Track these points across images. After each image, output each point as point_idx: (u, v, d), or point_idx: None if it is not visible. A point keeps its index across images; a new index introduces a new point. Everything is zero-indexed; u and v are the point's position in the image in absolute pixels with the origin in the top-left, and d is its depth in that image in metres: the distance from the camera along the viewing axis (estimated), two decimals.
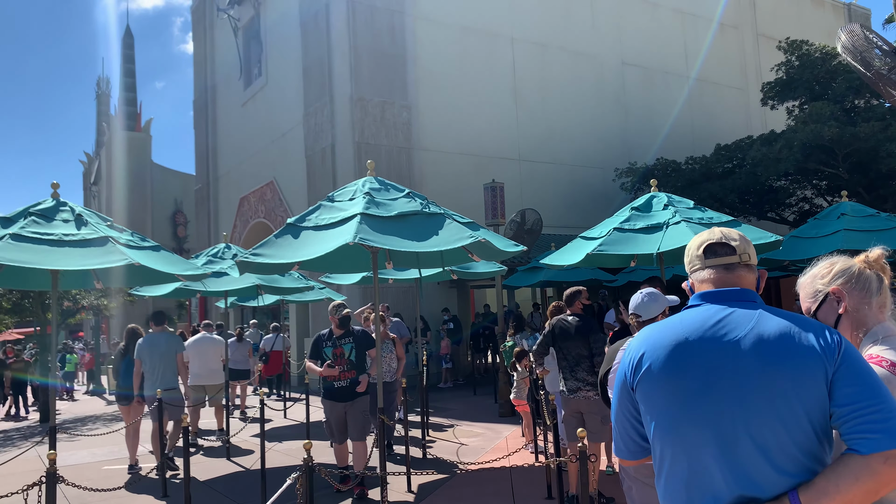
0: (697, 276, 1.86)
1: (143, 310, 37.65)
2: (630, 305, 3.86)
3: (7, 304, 15.90)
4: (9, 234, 5.15)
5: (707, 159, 17.87)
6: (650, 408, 1.73)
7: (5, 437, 12.62)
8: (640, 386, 1.75)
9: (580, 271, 12.09)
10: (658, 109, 21.59)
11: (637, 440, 1.85)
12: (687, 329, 1.72)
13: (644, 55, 21.59)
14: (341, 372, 6.24)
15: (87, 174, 52.86)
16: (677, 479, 1.68)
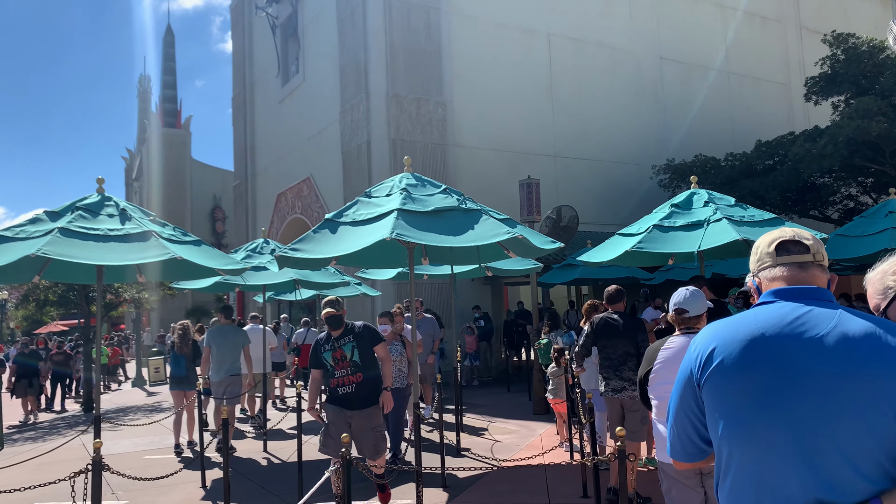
0: (767, 274, 1.78)
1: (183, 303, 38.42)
2: (673, 301, 3.80)
3: (53, 296, 16.35)
4: (57, 228, 5.29)
5: (747, 156, 17.52)
6: (719, 406, 1.64)
7: (51, 426, 12.99)
8: (709, 382, 1.66)
9: (616, 269, 11.97)
10: (696, 105, 21.24)
11: (697, 441, 1.76)
12: (763, 324, 1.64)
13: (683, 50, 21.25)
14: (344, 376, 5.39)
15: (129, 170, 54.06)
16: (747, 482, 1.59)
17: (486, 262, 7.40)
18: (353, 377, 5.35)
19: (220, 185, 43.43)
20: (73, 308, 17.28)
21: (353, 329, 5.48)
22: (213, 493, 6.82)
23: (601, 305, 6.30)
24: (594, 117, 19.13)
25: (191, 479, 7.20)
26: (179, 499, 6.70)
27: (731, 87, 22.27)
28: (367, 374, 5.38)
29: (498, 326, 16.85)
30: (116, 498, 6.81)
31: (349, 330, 5.45)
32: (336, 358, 5.39)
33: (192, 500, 6.64)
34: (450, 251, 6.63)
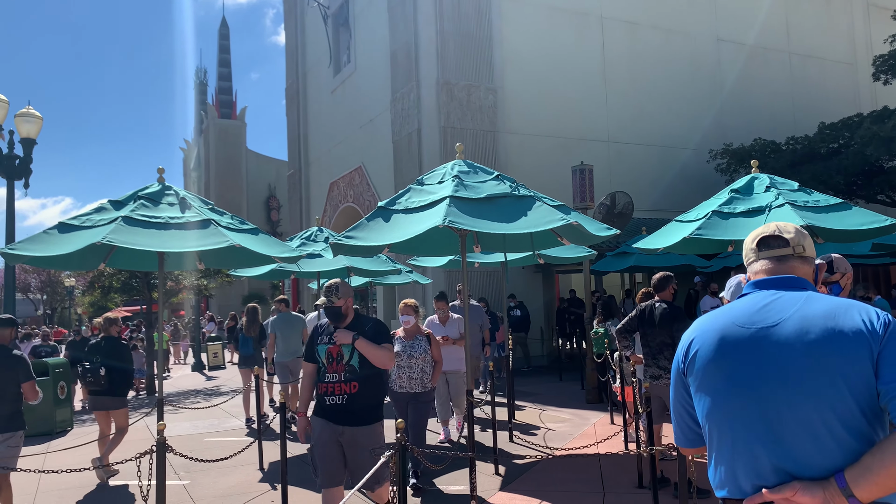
0: (752, 269, 1.93)
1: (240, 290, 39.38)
2: (730, 291, 3.70)
3: (117, 283, 16.96)
4: (121, 216, 5.46)
5: (810, 139, 16.90)
6: (699, 393, 1.81)
7: None
8: (690, 372, 1.84)
9: (672, 256, 11.73)
10: (756, 87, 20.57)
11: (693, 427, 1.91)
12: (734, 315, 1.79)
13: (741, 31, 20.57)
14: (335, 382, 4.17)
15: (187, 160, 55.50)
16: (724, 457, 1.73)
17: (538, 250, 7.31)
18: (347, 386, 4.15)
19: (274, 174, 44.25)
20: (136, 294, 17.88)
21: (361, 324, 4.30)
22: (270, 476, 6.98)
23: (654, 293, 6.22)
24: (649, 101, 18.72)
25: (249, 462, 7.38)
26: (238, 480, 6.88)
27: (793, 67, 21.48)
28: (366, 384, 4.19)
29: (549, 314, 16.73)
30: (179, 478, 7.03)
31: (356, 324, 4.29)
32: (330, 355, 4.24)
33: (250, 482, 6.80)
34: (502, 238, 6.59)
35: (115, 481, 7.03)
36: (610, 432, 8.22)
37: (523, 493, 5.99)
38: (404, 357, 6.19)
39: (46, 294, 45.73)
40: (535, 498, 5.85)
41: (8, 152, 10.91)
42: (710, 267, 13.16)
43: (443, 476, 6.58)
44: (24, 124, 11.00)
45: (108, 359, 6.88)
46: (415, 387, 6.16)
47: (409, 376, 6.17)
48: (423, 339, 6.25)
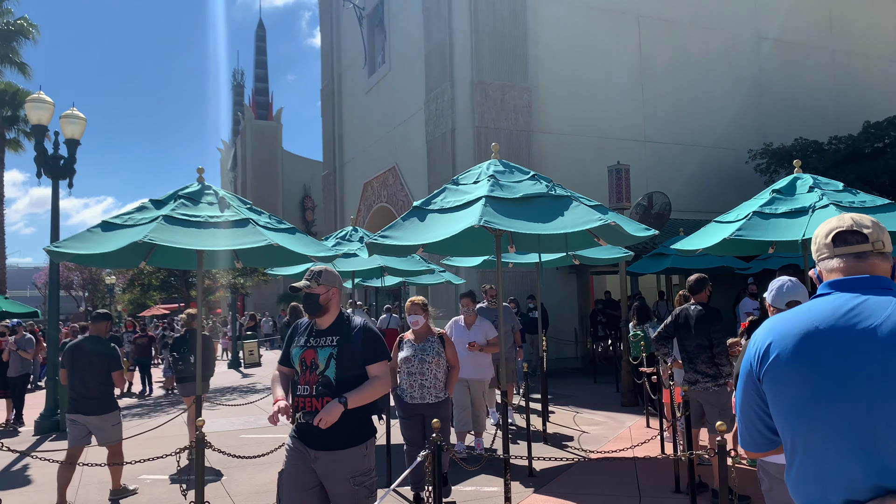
0: (826, 265, 1.82)
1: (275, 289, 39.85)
2: (777, 294, 3.61)
3: (156, 281, 17.31)
4: (161, 215, 5.55)
5: (854, 138, 16.46)
6: (779, 399, 1.70)
7: (156, 404, 13.77)
8: (767, 376, 1.72)
9: (710, 258, 11.53)
10: (798, 86, 20.10)
11: (764, 432, 1.81)
12: (817, 317, 1.68)
13: (783, 28, 20.12)
14: (305, 396, 3.41)
15: (224, 161, 56.38)
16: (810, 471, 1.64)
17: (574, 251, 7.25)
18: (319, 401, 3.36)
19: (309, 174, 44.71)
20: (174, 292, 18.21)
21: (346, 327, 3.52)
22: None
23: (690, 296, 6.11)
24: (687, 100, 18.44)
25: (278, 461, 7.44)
26: (273, 477, 6.94)
27: (837, 65, 20.95)
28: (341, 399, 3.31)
29: (584, 316, 16.59)
30: (215, 474, 7.13)
31: (339, 325, 3.52)
32: (304, 362, 3.47)
33: None
34: (537, 239, 6.54)
35: (155, 475, 7.16)
36: (646, 436, 8.11)
37: (558, 496, 5.94)
38: (415, 362, 5.56)
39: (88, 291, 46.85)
40: (569, 501, 5.80)
41: (53, 153, 11.21)
42: (749, 269, 12.91)
43: (476, 477, 6.56)
44: (68, 125, 11.28)
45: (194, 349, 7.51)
46: (428, 397, 5.53)
47: (420, 384, 5.56)
48: (436, 339, 5.64)
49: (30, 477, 7.66)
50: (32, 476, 7.68)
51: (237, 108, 52.55)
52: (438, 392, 5.58)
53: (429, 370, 5.57)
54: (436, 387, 5.58)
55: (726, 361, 5.68)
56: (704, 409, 5.76)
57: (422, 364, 5.57)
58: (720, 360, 5.64)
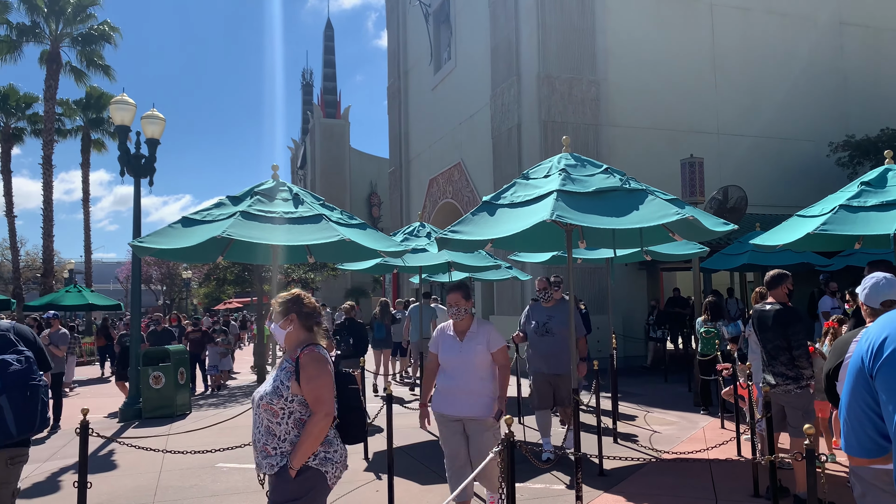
0: None
1: (343, 284, 40.57)
2: (870, 291, 3.43)
3: (231, 276, 17.86)
4: (238, 211, 5.72)
5: None
6: (894, 397, 1.59)
7: (230, 395, 14.22)
8: (882, 372, 1.62)
9: (788, 254, 11.05)
10: (883, 73, 19.06)
11: (873, 436, 1.71)
12: None
13: (868, 12, 19.11)
14: None
15: (294, 159, 57.70)
16: None
17: (647, 246, 7.08)
18: None
19: (376, 171, 45.28)
20: (248, 287, 18.75)
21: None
22: (375, 465, 7.13)
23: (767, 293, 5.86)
24: (762, 90, 17.75)
25: (354, 451, 7.56)
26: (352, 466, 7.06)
27: None
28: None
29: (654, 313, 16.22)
30: None
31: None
32: None
33: (355, 470, 6.97)
34: (610, 234, 6.42)
35: (231, 464, 7.39)
36: (721, 437, 7.86)
37: (629, 497, 5.82)
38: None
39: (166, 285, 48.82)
40: (642, 502, 5.68)
41: (135, 152, 11.70)
42: (830, 265, 12.33)
43: (546, 474, 6.50)
44: (148, 125, 11.76)
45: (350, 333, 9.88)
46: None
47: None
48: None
49: (115, 462, 8.03)
50: (118, 461, 8.05)
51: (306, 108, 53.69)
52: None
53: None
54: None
55: (807, 363, 5.44)
56: (786, 411, 5.53)
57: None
58: (800, 363, 5.40)
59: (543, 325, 7.12)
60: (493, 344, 4.67)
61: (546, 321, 7.12)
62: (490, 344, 4.66)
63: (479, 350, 4.63)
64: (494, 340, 4.68)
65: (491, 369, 4.68)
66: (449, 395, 4.71)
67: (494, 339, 4.68)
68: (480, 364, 4.64)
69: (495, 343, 4.68)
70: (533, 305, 7.46)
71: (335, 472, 3.18)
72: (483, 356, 4.64)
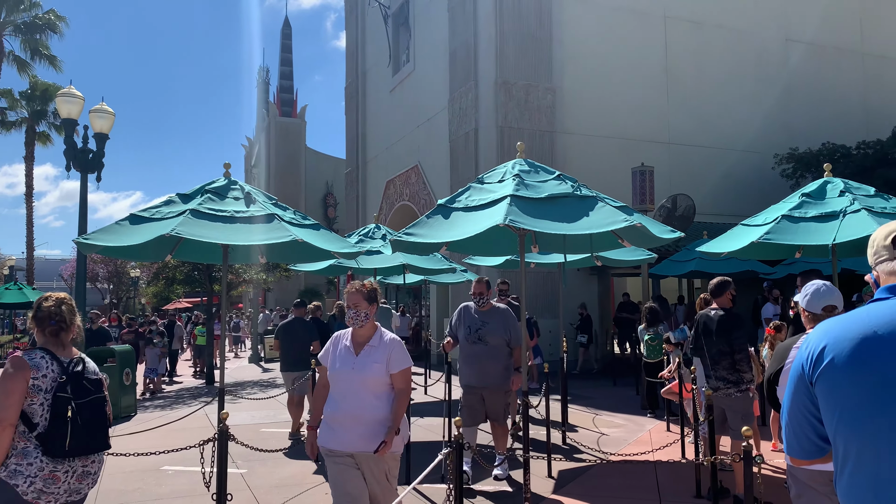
0: (885, 268, 1.77)
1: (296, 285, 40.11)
2: (811, 298, 3.56)
3: (180, 275, 17.48)
4: (188, 209, 5.62)
5: (882, 143, 16.20)
6: (832, 403, 1.64)
7: (177, 397, 13.93)
8: (821, 380, 1.67)
9: (734, 262, 11.40)
10: (826, 90, 19.81)
11: (813, 439, 1.76)
12: (876, 322, 1.63)
13: (812, 30, 19.85)
14: None
15: (248, 157, 56.84)
16: (864, 479, 1.59)
17: (598, 251, 7.21)
18: None
19: (332, 172, 44.91)
20: (198, 286, 18.39)
21: None
22: (324, 469, 7.07)
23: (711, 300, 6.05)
24: (712, 103, 18.26)
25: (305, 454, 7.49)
26: (294, 471, 7.00)
27: (866, 69, 20.62)
28: None
29: (604, 318, 16.50)
30: (237, 467, 7.20)
31: None
32: None
33: (306, 473, 6.91)
34: (562, 239, 6.52)
35: (177, 466, 7.24)
36: (666, 440, 8.04)
37: (577, 497, 5.92)
38: None
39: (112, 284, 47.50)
40: (588, 503, 5.77)
41: (82, 146, 11.37)
42: (773, 273, 12.76)
43: None
44: (97, 120, 11.44)
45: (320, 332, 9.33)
46: None
47: None
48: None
49: None
50: None
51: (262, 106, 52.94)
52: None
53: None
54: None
55: (748, 367, 5.62)
56: (727, 414, 5.70)
57: None
58: (741, 367, 5.58)
59: (476, 332, 6.29)
60: (395, 363, 3.80)
61: (479, 328, 6.29)
62: (391, 363, 3.79)
63: (375, 368, 3.77)
64: (397, 359, 3.81)
65: (389, 392, 3.80)
66: (335, 423, 3.78)
67: (397, 358, 3.81)
68: (375, 385, 3.77)
69: (397, 362, 3.81)
70: (465, 308, 6.52)
71: (33, 486, 2.92)
72: (380, 377, 3.77)
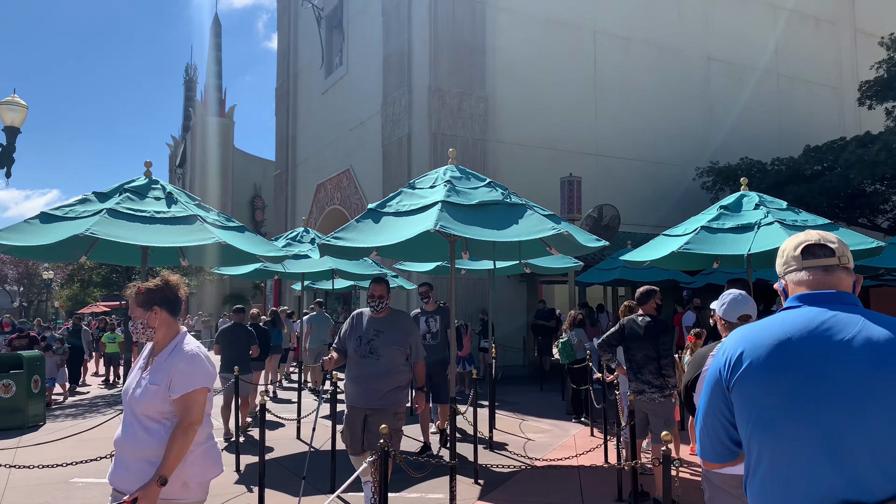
0: (793, 278, 1.84)
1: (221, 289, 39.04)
2: (728, 307, 3.69)
3: (97, 277, 16.72)
4: (105, 209, 5.37)
5: (795, 160, 17.09)
6: (748, 408, 1.70)
7: (91, 404, 13.29)
8: (738, 385, 1.72)
9: (656, 271, 11.77)
10: (744, 107, 20.79)
11: (726, 443, 1.81)
12: (789, 329, 1.69)
13: (731, 50, 20.80)
14: None
15: (173, 157, 55.04)
16: (775, 481, 1.64)
17: (527, 259, 7.30)
18: None
19: (261, 174, 43.99)
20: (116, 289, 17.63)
21: None
22: (246, 478, 6.88)
23: (637, 307, 6.22)
24: (638, 116, 18.85)
25: (225, 463, 7.26)
26: (213, 482, 6.75)
27: (781, 89, 21.75)
28: None
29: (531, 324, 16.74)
30: None
31: None
32: None
33: (225, 483, 6.69)
34: (492, 246, 6.56)
35: (87, 479, 6.89)
36: (590, 444, 8.20)
37: (501, 503, 5.94)
38: None
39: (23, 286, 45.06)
40: None
41: None
42: (693, 283, 13.24)
43: (422, 483, 6.52)
44: (8, 112, 10.82)
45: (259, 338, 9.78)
46: None
47: None
48: None
49: None
50: None
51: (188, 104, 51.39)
52: None
53: None
54: None
55: (672, 372, 5.80)
56: (650, 419, 5.86)
57: None
58: (667, 372, 5.75)
59: (368, 343, 5.15)
60: (177, 385, 2.90)
61: (372, 338, 5.16)
62: (172, 384, 2.90)
63: (151, 391, 2.92)
64: (180, 380, 2.91)
65: (170, 424, 2.93)
66: (116, 459, 3.01)
67: (181, 379, 2.91)
68: (147, 411, 2.91)
69: (180, 384, 2.90)
70: (358, 315, 5.39)
71: None
72: (152, 402, 2.91)
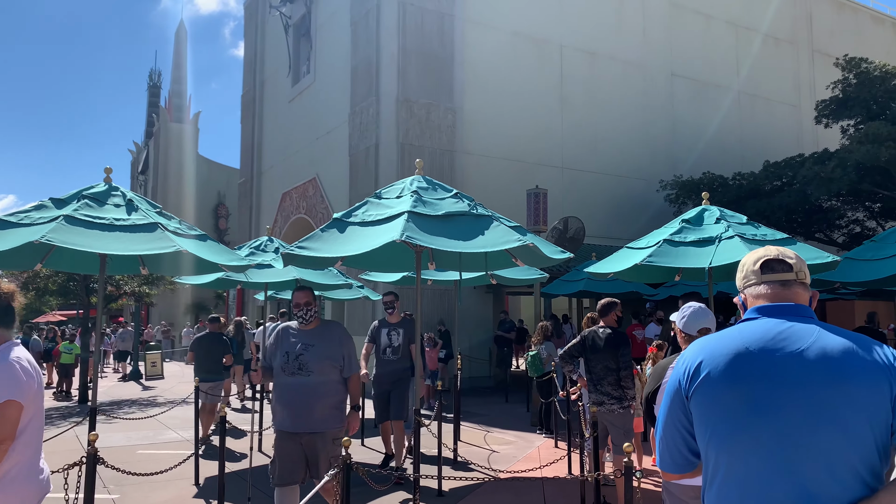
0: (752, 291, 1.88)
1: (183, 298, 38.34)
2: (687, 320, 3.73)
3: (53, 285, 16.27)
4: (62, 215, 5.22)
5: (755, 176, 17.50)
6: (707, 416, 1.73)
7: (46, 417, 12.90)
8: (697, 394, 1.75)
9: (620, 283, 11.90)
10: (706, 123, 21.24)
11: (685, 453, 1.84)
12: (747, 339, 1.73)
13: (694, 67, 21.26)
14: None
15: (135, 163, 54.05)
16: (732, 488, 1.67)
17: (493, 270, 7.31)
18: None
19: (225, 182, 43.42)
20: (73, 298, 17.19)
21: None
22: (205, 492, 6.74)
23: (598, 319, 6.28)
24: (604, 130, 19.11)
25: (184, 476, 7.11)
26: (171, 496, 6.61)
27: (742, 106, 22.27)
28: None
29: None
30: (108, 492, 6.72)
31: None
32: None
33: (184, 497, 6.55)
34: (458, 257, 6.56)
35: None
36: (554, 456, 8.22)
37: None
38: None
39: None
40: None
41: None
42: (656, 295, 13.42)
43: (386, 496, 6.46)
44: None
45: None
46: None
47: None
48: None
49: None
50: None
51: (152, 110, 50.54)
52: None
53: None
54: None
55: (632, 384, 5.85)
56: (609, 430, 5.90)
57: None
58: (626, 383, 5.80)
59: (297, 359, 4.58)
60: None
61: (301, 352, 4.59)
62: None
63: None
64: None
65: None
66: None
67: None
68: None
69: None
70: (284, 329, 4.82)
71: None
72: None
